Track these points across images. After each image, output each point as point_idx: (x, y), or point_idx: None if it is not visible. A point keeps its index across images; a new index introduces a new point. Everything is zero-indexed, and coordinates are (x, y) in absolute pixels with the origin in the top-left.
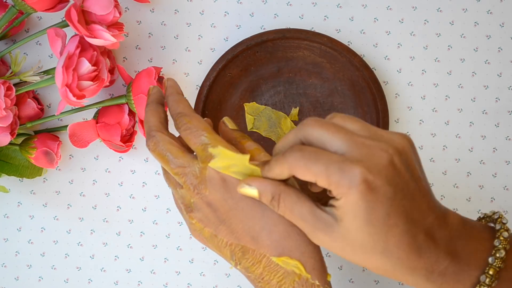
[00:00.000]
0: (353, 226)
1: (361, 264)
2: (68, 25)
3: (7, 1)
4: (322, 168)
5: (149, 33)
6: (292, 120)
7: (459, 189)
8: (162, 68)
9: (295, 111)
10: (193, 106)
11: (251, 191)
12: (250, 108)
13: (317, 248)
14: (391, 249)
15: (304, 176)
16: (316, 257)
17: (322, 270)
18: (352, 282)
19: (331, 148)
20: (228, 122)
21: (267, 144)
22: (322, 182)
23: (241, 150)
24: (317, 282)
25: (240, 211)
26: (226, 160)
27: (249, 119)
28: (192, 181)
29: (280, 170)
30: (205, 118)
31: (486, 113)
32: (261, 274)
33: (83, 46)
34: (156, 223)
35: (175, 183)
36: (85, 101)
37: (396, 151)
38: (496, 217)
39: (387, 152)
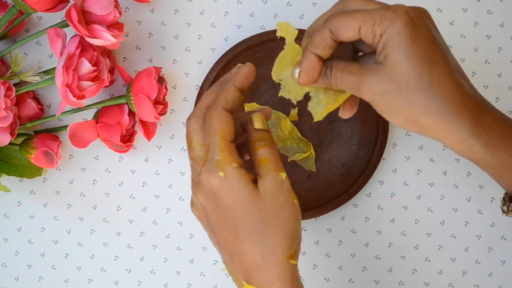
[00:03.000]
0: (398, 57)
1: (405, 116)
2: (68, 25)
3: (7, 1)
4: (366, 13)
5: (149, 33)
6: (291, 121)
7: (459, 189)
8: (162, 68)
9: (294, 111)
10: (193, 106)
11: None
12: (251, 108)
13: (287, 284)
14: (436, 86)
15: (347, 28)
16: None
17: None
18: (352, 282)
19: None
20: (255, 121)
21: None
22: (366, 26)
23: (251, 156)
24: None
25: (222, 228)
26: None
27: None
28: (194, 178)
29: (321, 35)
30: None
31: None
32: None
33: (83, 46)
34: (156, 223)
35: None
36: (85, 101)
37: (427, 11)
38: None
39: (420, 8)
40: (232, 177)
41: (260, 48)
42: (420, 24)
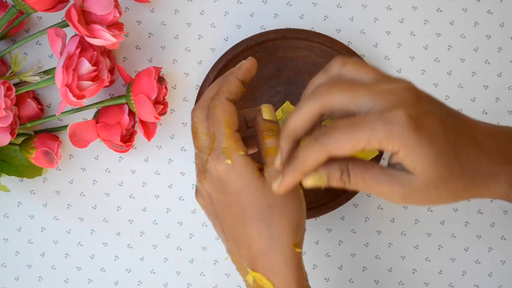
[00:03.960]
0: (426, 165)
1: (447, 200)
2: (68, 25)
3: (7, 1)
4: (367, 131)
5: (149, 33)
6: None
7: None
8: (162, 68)
9: None
10: (192, 106)
11: (319, 179)
12: (288, 109)
13: (293, 271)
14: (466, 166)
15: (349, 148)
16: (290, 281)
17: None
18: (352, 282)
19: (359, 109)
20: (264, 112)
21: None
22: (372, 145)
23: (259, 145)
24: None
25: (228, 215)
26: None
27: (278, 114)
28: (199, 166)
29: (316, 156)
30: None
31: (486, 113)
32: (243, 276)
33: (83, 46)
34: (156, 223)
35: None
36: (85, 101)
37: (412, 85)
38: None
39: (410, 89)
40: (239, 164)
41: (260, 48)
42: (423, 119)
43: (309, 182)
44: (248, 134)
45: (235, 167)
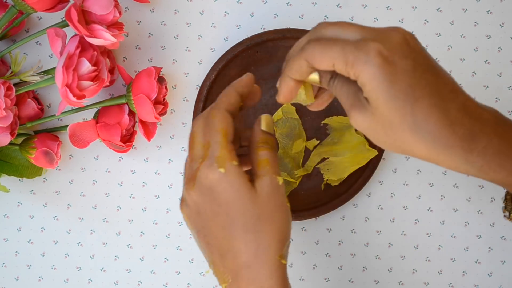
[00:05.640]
0: (379, 101)
1: (396, 147)
2: (68, 25)
3: (7, 1)
4: (339, 50)
5: (149, 33)
6: (306, 148)
7: (459, 189)
8: (162, 68)
9: (312, 143)
10: (193, 106)
11: (314, 76)
12: (287, 109)
13: (278, 283)
14: (420, 124)
15: (322, 62)
16: None
17: None
18: (352, 282)
19: (345, 37)
20: (264, 122)
21: None
22: (339, 64)
23: (252, 156)
24: None
25: (215, 225)
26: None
27: (278, 115)
28: (188, 175)
29: (298, 63)
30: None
31: None
32: None
33: (83, 46)
34: (156, 223)
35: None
36: (85, 101)
37: (407, 32)
38: None
39: (399, 32)
40: (232, 173)
41: (260, 48)
42: (396, 60)
43: (310, 77)
44: (241, 153)
45: (227, 176)
